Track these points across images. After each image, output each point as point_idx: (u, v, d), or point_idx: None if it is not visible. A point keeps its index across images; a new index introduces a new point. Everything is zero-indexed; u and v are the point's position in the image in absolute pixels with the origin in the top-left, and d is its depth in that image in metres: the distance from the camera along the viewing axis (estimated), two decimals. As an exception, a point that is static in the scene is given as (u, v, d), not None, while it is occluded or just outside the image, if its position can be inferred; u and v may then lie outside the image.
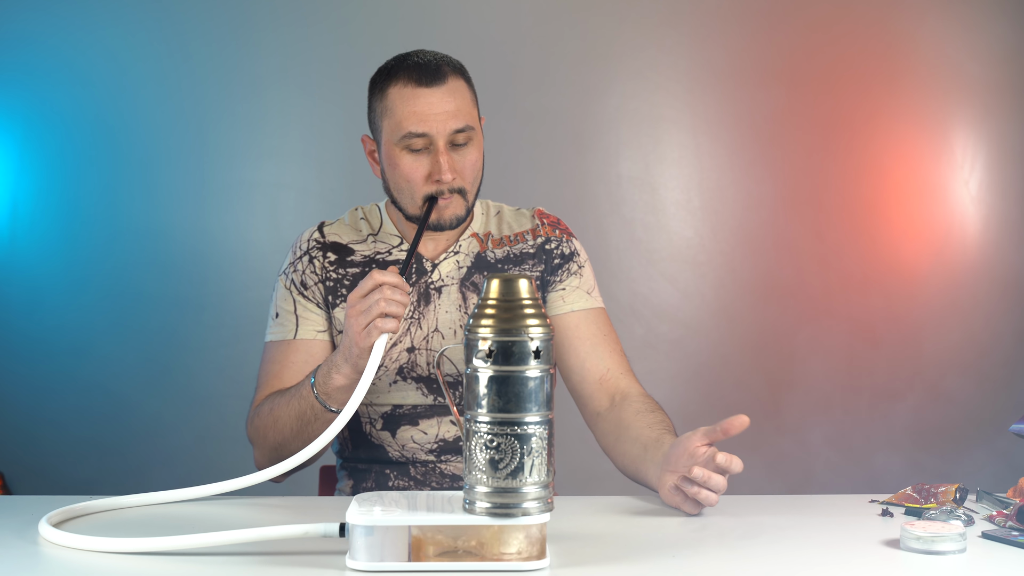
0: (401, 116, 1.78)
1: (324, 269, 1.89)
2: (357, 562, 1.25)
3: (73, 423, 3.11)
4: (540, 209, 1.99)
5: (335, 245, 1.91)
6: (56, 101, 3.11)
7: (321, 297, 1.88)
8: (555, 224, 1.96)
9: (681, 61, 3.25)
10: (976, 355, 3.26)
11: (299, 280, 1.89)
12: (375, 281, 1.62)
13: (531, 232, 1.94)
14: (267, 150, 3.17)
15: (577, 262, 1.94)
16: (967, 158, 3.27)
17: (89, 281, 3.12)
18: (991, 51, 3.27)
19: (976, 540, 1.40)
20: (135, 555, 1.32)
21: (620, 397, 1.84)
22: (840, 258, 3.25)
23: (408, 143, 1.78)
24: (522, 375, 1.25)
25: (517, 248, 1.92)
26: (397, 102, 1.79)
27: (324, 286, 1.88)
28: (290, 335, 1.86)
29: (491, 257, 1.92)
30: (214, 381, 3.11)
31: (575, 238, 1.97)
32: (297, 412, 1.73)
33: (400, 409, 1.87)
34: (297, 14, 3.14)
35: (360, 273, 1.89)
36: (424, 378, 1.86)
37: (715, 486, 1.52)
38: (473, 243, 1.92)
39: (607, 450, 1.83)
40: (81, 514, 1.52)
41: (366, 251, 1.91)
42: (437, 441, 1.86)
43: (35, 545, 1.38)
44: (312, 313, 1.87)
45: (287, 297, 1.89)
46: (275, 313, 1.89)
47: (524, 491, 1.25)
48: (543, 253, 1.92)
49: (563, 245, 1.94)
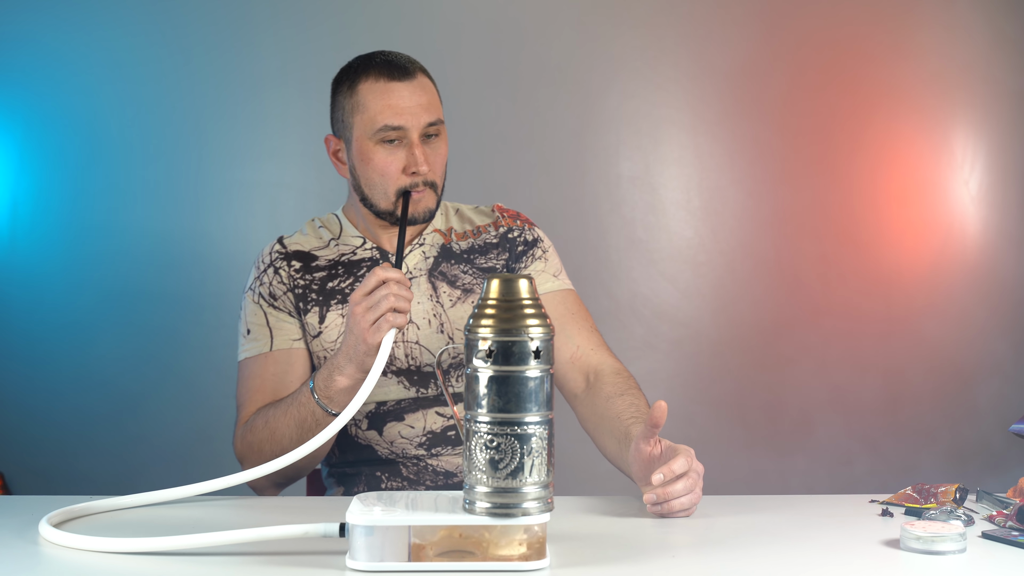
0: (376, 110, 1.81)
1: (291, 277, 1.89)
2: (357, 562, 1.25)
3: (73, 423, 3.11)
4: (499, 204, 2.01)
5: (298, 253, 1.91)
6: (56, 101, 3.11)
7: (292, 305, 1.88)
8: (515, 216, 1.99)
9: (681, 61, 3.25)
10: (976, 355, 3.26)
11: (267, 292, 1.88)
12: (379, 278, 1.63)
13: (492, 225, 1.97)
14: (267, 150, 3.17)
15: (541, 247, 1.96)
16: (967, 158, 3.27)
17: (89, 281, 3.12)
18: (991, 51, 3.27)
19: (976, 540, 1.40)
20: (135, 555, 1.32)
21: (594, 376, 1.84)
22: (840, 258, 3.25)
23: (383, 136, 1.80)
24: (522, 375, 1.25)
25: (481, 239, 1.94)
26: (370, 97, 1.82)
27: (293, 294, 1.88)
28: (266, 348, 1.86)
29: (456, 248, 1.93)
30: (214, 381, 3.10)
31: (536, 227, 2.00)
32: (297, 420, 1.72)
33: (384, 406, 1.87)
34: (297, 14, 3.14)
35: (326, 276, 1.89)
36: (404, 371, 1.86)
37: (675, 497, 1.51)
38: (436, 236, 1.94)
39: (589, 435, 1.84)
40: (81, 515, 1.52)
41: (330, 255, 1.91)
42: (425, 434, 1.86)
43: (35, 545, 1.38)
44: (285, 323, 1.87)
45: (256, 311, 1.88)
46: (246, 330, 1.89)
47: (524, 491, 1.25)
48: (506, 242, 1.94)
49: (525, 233, 1.96)
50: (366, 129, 1.82)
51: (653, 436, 1.55)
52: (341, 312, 1.87)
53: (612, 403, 1.77)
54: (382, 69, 1.83)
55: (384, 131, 1.80)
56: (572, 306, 1.92)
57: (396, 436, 1.86)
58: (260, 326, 1.87)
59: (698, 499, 1.54)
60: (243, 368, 1.88)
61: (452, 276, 1.90)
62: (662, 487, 1.51)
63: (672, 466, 1.51)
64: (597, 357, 1.87)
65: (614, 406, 1.76)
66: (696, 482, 1.53)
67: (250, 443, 1.78)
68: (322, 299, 1.88)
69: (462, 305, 1.89)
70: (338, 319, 1.87)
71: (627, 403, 1.76)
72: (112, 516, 1.53)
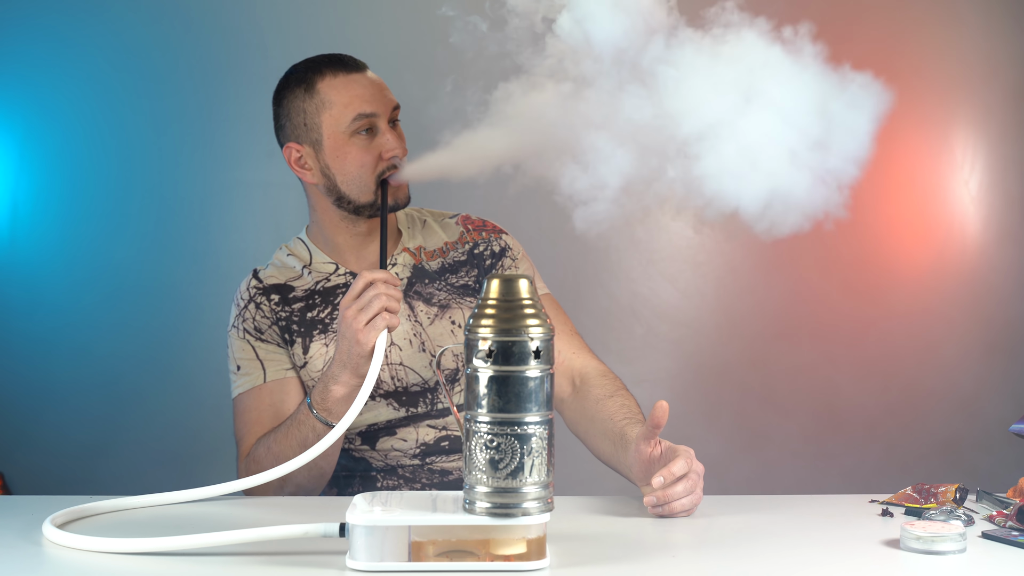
0: (345, 102, 1.81)
1: (272, 311, 1.88)
2: (357, 562, 1.25)
3: (73, 423, 3.11)
4: (464, 215, 2.00)
5: (274, 287, 1.90)
6: (57, 101, 3.11)
7: (279, 337, 1.87)
8: (480, 227, 1.98)
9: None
10: (976, 355, 3.26)
11: (252, 327, 1.88)
12: (366, 279, 1.63)
13: (459, 240, 1.96)
14: (267, 150, 3.17)
15: (510, 255, 1.95)
16: (967, 158, 3.27)
17: (89, 281, 3.12)
18: (991, 51, 3.27)
19: (976, 540, 1.40)
20: (135, 555, 1.32)
21: (580, 380, 1.85)
22: (840, 258, 3.25)
23: (357, 127, 1.81)
24: (522, 375, 1.25)
25: (450, 258, 1.94)
26: (334, 92, 1.83)
27: (278, 327, 1.87)
28: (259, 380, 1.85)
29: (428, 267, 1.92)
30: (214, 382, 3.09)
31: (505, 234, 1.98)
32: (298, 439, 1.71)
33: (375, 426, 1.86)
34: (299, 13, 3.14)
35: (304, 307, 1.88)
36: (392, 393, 1.85)
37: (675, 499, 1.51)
38: (407, 256, 1.93)
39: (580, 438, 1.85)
40: (84, 515, 1.52)
41: (305, 284, 1.90)
42: (419, 446, 1.86)
43: (38, 546, 1.38)
44: (275, 354, 1.86)
45: (244, 347, 1.87)
46: (235, 367, 1.88)
47: (524, 491, 1.25)
48: (473, 258, 1.94)
49: (492, 244, 1.95)
50: (338, 124, 1.82)
51: (654, 436, 1.56)
52: (324, 342, 1.86)
53: (602, 405, 1.77)
54: (337, 65, 1.84)
55: (358, 120, 1.81)
56: (550, 310, 1.92)
57: (389, 449, 1.87)
58: (250, 360, 1.86)
59: (699, 500, 1.54)
60: (238, 404, 1.87)
61: (427, 294, 1.90)
62: (662, 489, 1.51)
63: (672, 468, 1.51)
64: (581, 360, 1.87)
65: (605, 408, 1.76)
66: (696, 483, 1.53)
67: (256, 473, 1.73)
68: (303, 330, 1.87)
69: (440, 322, 1.89)
70: (322, 348, 1.86)
71: (618, 404, 1.76)
72: (113, 516, 1.53)
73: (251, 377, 1.85)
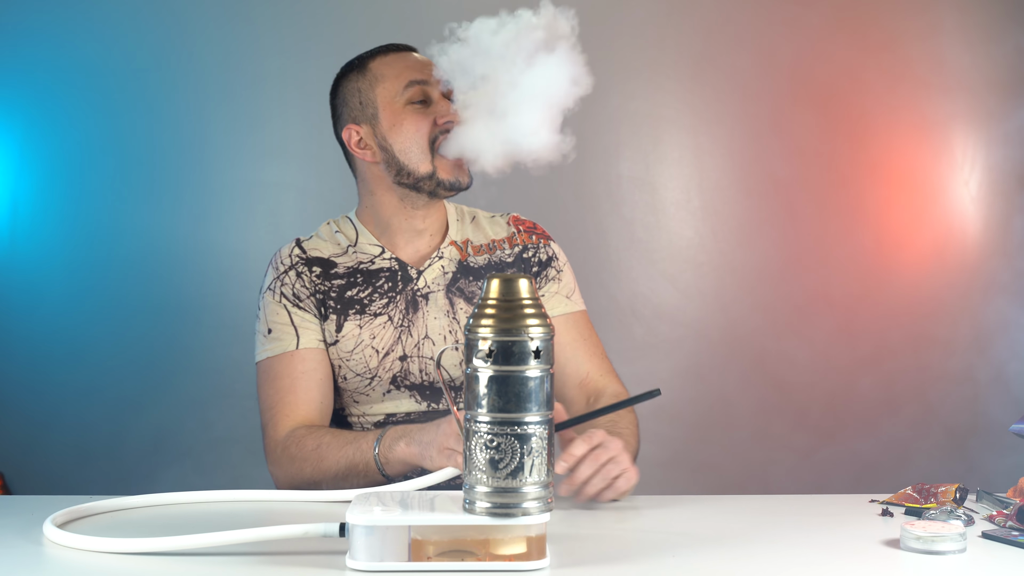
0: (396, 72, 1.85)
1: (312, 283, 1.88)
2: (357, 562, 1.25)
3: (73, 424, 3.11)
4: (515, 215, 2.00)
5: (317, 259, 1.90)
6: (56, 101, 3.11)
7: (315, 309, 1.87)
8: (531, 230, 1.98)
9: (681, 61, 3.25)
10: (975, 355, 3.26)
11: (291, 293, 1.87)
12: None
13: (507, 240, 1.96)
14: (268, 150, 3.17)
15: (555, 267, 1.95)
16: (967, 158, 3.27)
17: (89, 281, 3.12)
18: (991, 50, 3.27)
19: (976, 540, 1.40)
20: (135, 555, 1.32)
21: (594, 398, 1.86)
22: (840, 258, 3.25)
23: (411, 95, 1.84)
24: (522, 375, 1.25)
25: (496, 256, 1.94)
26: (387, 67, 1.87)
27: (315, 299, 1.87)
28: (291, 346, 1.85)
29: (473, 264, 1.92)
30: (214, 382, 3.10)
31: (552, 241, 1.99)
32: (348, 460, 1.70)
33: (393, 417, 1.86)
34: (298, 14, 3.14)
35: (345, 284, 1.88)
36: (417, 385, 1.86)
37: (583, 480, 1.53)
38: (453, 251, 1.93)
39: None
40: (84, 515, 1.52)
41: (348, 262, 1.90)
42: None
43: (38, 545, 1.38)
44: (310, 323, 1.86)
45: (279, 311, 1.86)
46: (267, 330, 1.87)
47: (524, 491, 1.25)
48: (521, 261, 1.94)
49: (540, 251, 1.95)
50: (393, 93, 1.85)
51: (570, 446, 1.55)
52: (358, 323, 1.86)
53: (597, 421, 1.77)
54: (388, 47, 1.90)
55: (411, 87, 1.84)
56: (584, 330, 1.93)
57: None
58: (284, 325, 1.86)
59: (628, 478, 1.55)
60: (266, 368, 1.86)
61: (469, 292, 1.90)
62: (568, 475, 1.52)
63: (571, 450, 1.52)
64: (604, 381, 1.90)
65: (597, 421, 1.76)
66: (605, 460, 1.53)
67: (292, 456, 1.75)
68: (340, 307, 1.87)
69: None
70: (355, 329, 1.85)
71: (607, 418, 1.76)
72: (113, 516, 1.53)
73: (283, 343, 1.85)
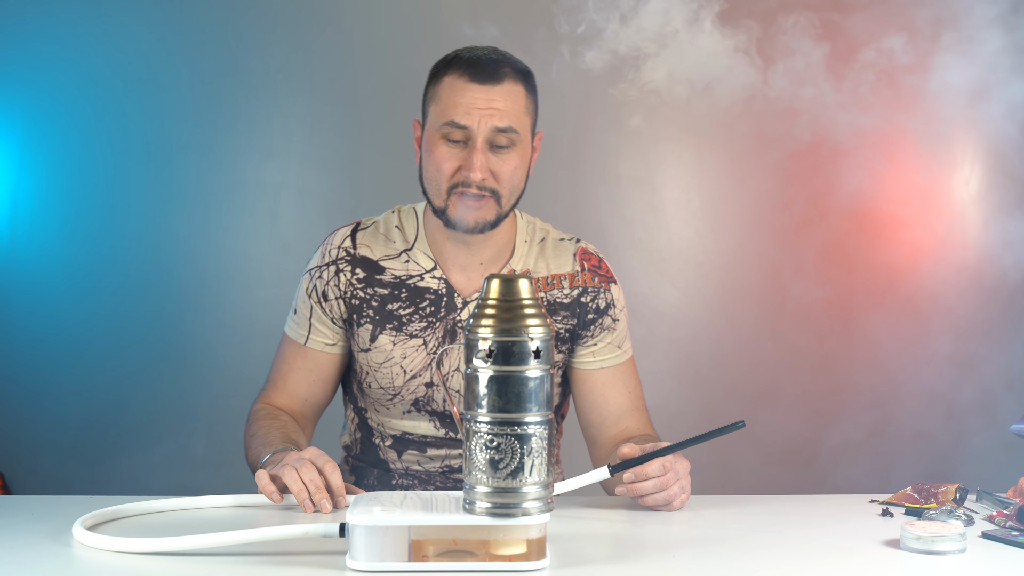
0: (447, 104, 1.73)
1: (350, 286, 1.83)
2: (357, 562, 1.25)
3: (73, 423, 3.11)
4: (583, 247, 1.90)
5: (364, 260, 1.84)
6: (57, 101, 3.11)
7: (339, 313, 1.84)
8: (595, 269, 1.88)
9: (682, 61, 3.25)
10: (975, 355, 3.26)
11: (321, 289, 1.84)
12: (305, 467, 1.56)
13: (568, 277, 1.86)
14: (268, 150, 3.17)
15: (612, 315, 1.87)
16: (967, 158, 3.27)
17: (89, 281, 3.12)
18: (991, 50, 3.27)
19: (976, 540, 1.40)
20: (135, 555, 1.32)
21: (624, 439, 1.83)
22: (839, 257, 3.25)
23: (447, 132, 1.73)
24: (522, 375, 1.25)
25: (552, 295, 1.84)
26: (446, 91, 1.74)
27: (345, 302, 1.83)
28: (301, 340, 1.86)
29: None
30: (214, 381, 3.11)
31: (614, 283, 1.89)
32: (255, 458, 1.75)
33: (410, 436, 1.86)
34: (299, 15, 3.14)
35: (388, 296, 1.83)
36: (438, 413, 1.84)
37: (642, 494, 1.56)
38: None
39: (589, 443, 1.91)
40: (112, 518, 1.51)
41: (397, 270, 1.84)
42: (442, 467, 1.86)
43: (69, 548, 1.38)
44: (325, 327, 1.84)
45: (306, 301, 1.86)
46: (294, 309, 1.88)
47: (524, 491, 1.25)
48: (577, 306, 1.85)
49: (599, 297, 1.86)
50: (436, 121, 1.75)
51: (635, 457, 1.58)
52: (393, 339, 1.82)
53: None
54: (466, 67, 1.74)
55: (449, 127, 1.72)
56: (630, 381, 1.89)
57: (413, 463, 1.86)
58: (304, 317, 1.86)
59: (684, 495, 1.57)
60: (283, 344, 1.89)
61: None
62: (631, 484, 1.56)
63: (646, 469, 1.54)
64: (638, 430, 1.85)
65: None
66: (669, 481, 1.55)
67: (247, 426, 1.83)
68: (378, 319, 1.82)
69: None
70: (388, 344, 1.82)
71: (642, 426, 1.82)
72: (115, 517, 1.52)
73: (299, 330, 1.87)
